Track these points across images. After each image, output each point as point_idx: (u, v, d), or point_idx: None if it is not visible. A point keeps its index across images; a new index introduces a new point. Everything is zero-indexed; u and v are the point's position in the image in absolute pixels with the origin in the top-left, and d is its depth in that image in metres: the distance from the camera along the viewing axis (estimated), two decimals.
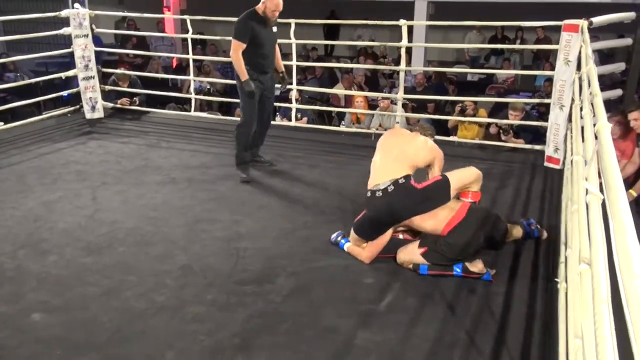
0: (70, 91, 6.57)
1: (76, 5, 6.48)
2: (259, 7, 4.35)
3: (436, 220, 3.04)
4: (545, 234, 3.45)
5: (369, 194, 3.18)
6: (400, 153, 3.24)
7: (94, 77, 6.42)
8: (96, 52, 6.50)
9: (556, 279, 2.57)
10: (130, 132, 6.05)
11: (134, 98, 6.77)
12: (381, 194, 3.09)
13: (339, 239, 3.33)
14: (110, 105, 6.68)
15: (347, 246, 3.26)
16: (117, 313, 2.65)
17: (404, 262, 3.06)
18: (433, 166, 3.35)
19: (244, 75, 4.29)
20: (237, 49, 4.29)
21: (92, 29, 6.33)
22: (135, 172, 4.77)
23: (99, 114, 6.54)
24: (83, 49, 6.28)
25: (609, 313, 0.94)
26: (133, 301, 2.75)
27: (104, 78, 6.72)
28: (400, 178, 3.09)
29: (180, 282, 2.94)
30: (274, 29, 4.50)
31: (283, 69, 4.79)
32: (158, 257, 3.22)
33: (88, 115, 6.47)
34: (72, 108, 6.65)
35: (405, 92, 5.86)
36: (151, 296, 2.80)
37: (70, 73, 6.39)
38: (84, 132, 6.07)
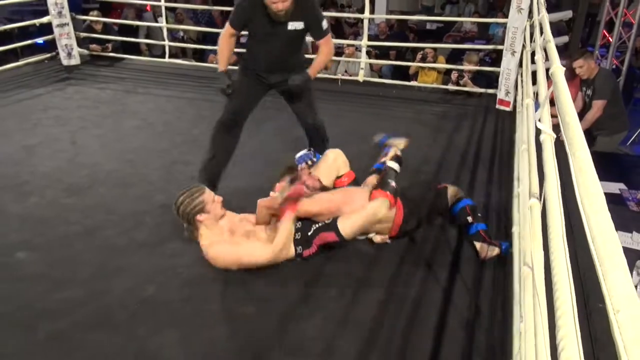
0: (44, 38, 6.17)
1: None
2: None
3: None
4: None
5: None
6: None
7: (68, 24, 6.03)
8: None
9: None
10: (107, 79, 5.76)
11: (106, 44, 6.43)
12: None
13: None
14: (87, 52, 6.34)
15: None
16: (99, 250, 2.56)
17: None
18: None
19: (220, 63, 2.93)
20: (224, 30, 2.92)
21: None
22: (113, 116, 4.56)
23: (76, 60, 6.19)
24: None
25: (565, 246, 0.90)
26: (114, 239, 2.66)
27: (79, 25, 6.34)
28: None
29: (159, 220, 2.84)
30: (292, 25, 2.83)
31: (314, 73, 3.04)
32: (137, 197, 3.12)
33: (65, 62, 6.13)
34: (48, 55, 6.28)
35: (369, 40, 5.69)
36: (131, 234, 2.71)
37: (44, 20, 6.00)
38: (61, 78, 5.75)
